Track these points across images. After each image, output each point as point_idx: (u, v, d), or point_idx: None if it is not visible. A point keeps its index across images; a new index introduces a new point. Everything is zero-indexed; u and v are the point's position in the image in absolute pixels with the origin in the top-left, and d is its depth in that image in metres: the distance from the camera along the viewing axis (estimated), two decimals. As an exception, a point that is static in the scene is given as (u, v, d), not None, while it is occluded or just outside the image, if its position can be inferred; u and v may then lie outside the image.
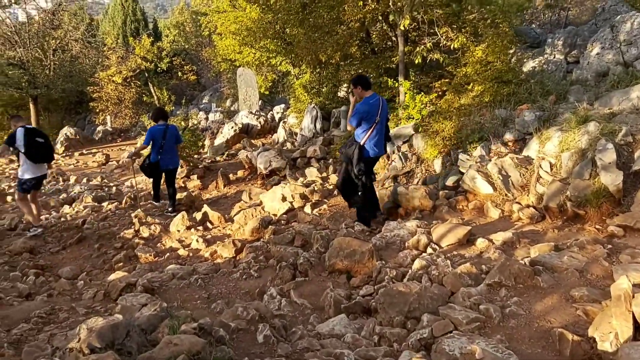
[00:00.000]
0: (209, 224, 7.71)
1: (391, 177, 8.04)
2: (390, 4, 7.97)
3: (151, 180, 9.02)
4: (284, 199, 7.89)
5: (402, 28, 7.94)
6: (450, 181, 7.13)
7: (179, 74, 26.45)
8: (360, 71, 10.36)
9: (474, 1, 7.93)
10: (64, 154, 17.81)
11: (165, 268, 5.95)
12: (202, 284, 5.27)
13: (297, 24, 10.18)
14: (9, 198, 10.35)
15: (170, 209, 8.49)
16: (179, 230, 7.45)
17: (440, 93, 9.11)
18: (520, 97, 7.90)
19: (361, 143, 6.11)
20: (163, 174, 8.69)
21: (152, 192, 9.22)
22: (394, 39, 9.83)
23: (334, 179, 8.82)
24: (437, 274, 4.50)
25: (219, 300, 4.84)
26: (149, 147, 8.45)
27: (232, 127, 14.39)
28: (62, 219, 8.38)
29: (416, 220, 6.16)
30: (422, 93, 8.75)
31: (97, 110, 23.37)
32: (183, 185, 10.64)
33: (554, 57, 10.92)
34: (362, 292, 4.67)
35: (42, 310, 4.55)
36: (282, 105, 16.51)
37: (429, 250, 5.30)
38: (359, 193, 6.36)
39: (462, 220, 6.15)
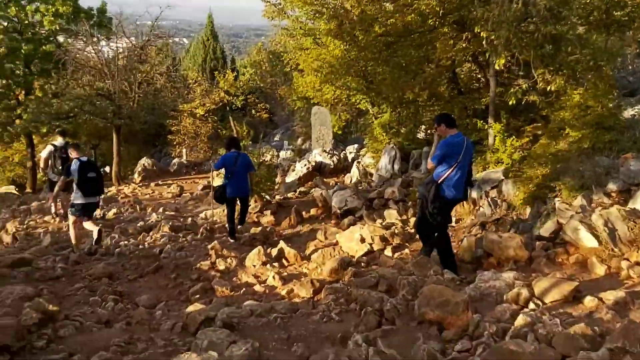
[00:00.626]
0: (284, 261, 7.51)
1: (479, 224, 7.60)
2: (483, 43, 7.69)
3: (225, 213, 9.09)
4: (362, 240, 7.58)
5: (497, 67, 7.62)
6: (546, 231, 6.61)
7: (253, 111, 27.05)
8: (445, 111, 10.07)
9: (575, 42, 7.49)
10: (141, 184, 18.33)
11: (241, 303, 5.76)
12: (281, 324, 4.99)
13: (382, 62, 10.07)
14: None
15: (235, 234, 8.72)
16: (254, 265, 7.28)
17: (531, 137, 8.64)
18: (624, 145, 7.31)
19: (439, 182, 5.89)
20: (237, 206, 8.88)
21: (226, 226, 9.22)
22: (482, 79, 9.51)
23: (414, 222, 8.45)
24: (544, 333, 4.01)
25: (299, 342, 4.55)
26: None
27: (305, 165, 14.35)
28: (140, 247, 8.43)
29: (512, 271, 5.68)
30: (513, 137, 8.33)
31: (175, 143, 24.17)
32: (257, 220, 10.55)
33: (657, 106, 10.21)
34: (457, 347, 4.24)
35: (121, 339, 4.43)
36: (355, 145, 16.38)
37: (531, 305, 4.82)
38: (435, 234, 6.14)
39: (565, 274, 5.61)
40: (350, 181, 12.87)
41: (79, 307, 5.69)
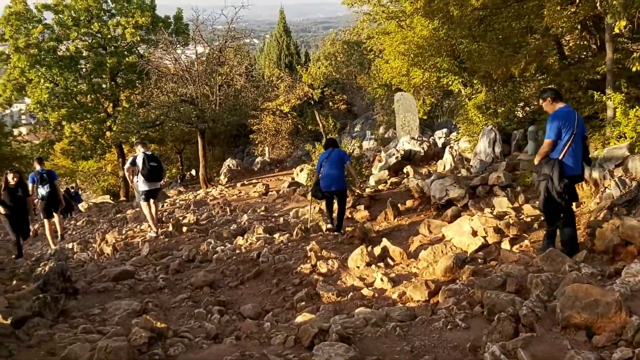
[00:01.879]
0: (389, 261, 6.97)
1: (606, 208, 6.70)
2: (597, 5, 6.74)
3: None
4: (474, 233, 6.91)
5: (618, 30, 6.67)
6: (693, 213, 5.68)
7: (330, 104, 26.66)
8: (552, 85, 9.12)
9: None
10: (227, 185, 18.48)
11: (350, 310, 5.32)
12: (400, 334, 4.49)
13: (478, 37, 9.25)
14: (184, 229, 10.58)
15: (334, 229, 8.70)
16: (358, 267, 6.81)
17: (654, 106, 7.56)
18: None
19: (560, 157, 5.51)
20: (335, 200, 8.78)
21: (319, 224, 9.03)
22: (594, 47, 8.49)
23: (528, 209, 7.66)
24: None
25: (426, 355, 4.05)
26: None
27: (394, 154, 13.70)
28: (237, 251, 8.22)
29: (665, 263, 4.85)
30: (637, 107, 7.33)
31: (257, 142, 24.28)
32: (350, 216, 10.09)
33: None
34: (616, 355, 3.54)
35: (233, 357, 4.11)
36: (444, 130, 15.53)
37: (698, 304, 4.03)
38: (561, 215, 5.69)
39: None
40: (444, 168, 12.11)
41: (184, 320, 5.49)
